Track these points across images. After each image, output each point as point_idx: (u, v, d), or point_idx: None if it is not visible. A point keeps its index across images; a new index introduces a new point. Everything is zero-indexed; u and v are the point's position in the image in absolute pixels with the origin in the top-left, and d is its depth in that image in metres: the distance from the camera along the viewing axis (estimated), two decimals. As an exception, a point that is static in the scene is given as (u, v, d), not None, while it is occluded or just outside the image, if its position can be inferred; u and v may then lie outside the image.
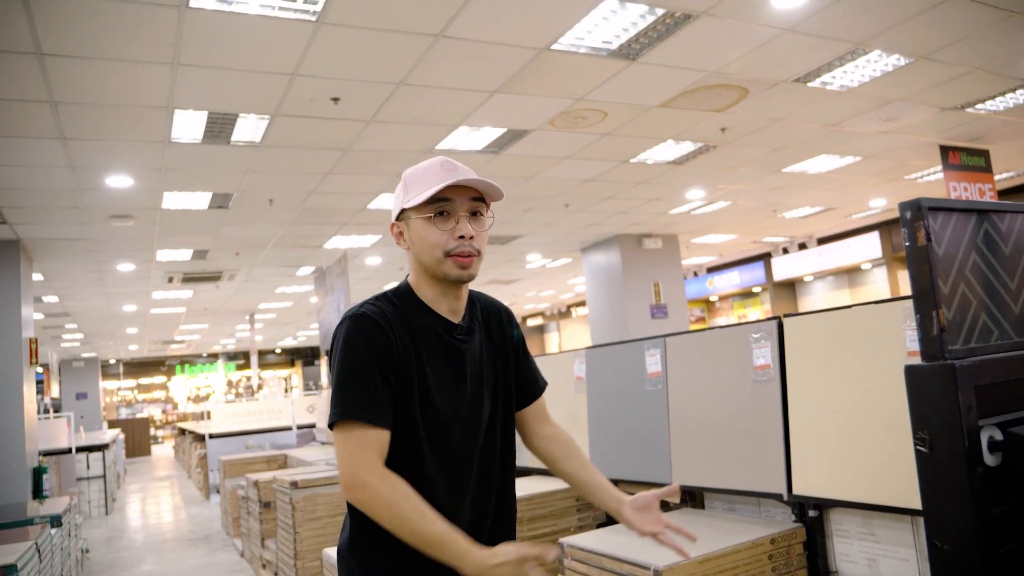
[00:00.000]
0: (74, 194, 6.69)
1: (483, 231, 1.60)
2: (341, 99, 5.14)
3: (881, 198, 10.67)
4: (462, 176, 1.55)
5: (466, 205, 1.58)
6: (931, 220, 0.95)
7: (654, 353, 2.96)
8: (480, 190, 1.60)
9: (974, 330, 0.96)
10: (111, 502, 10.97)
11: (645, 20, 4.42)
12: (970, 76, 5.87)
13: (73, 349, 21.17)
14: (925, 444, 0.90)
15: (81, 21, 3.80)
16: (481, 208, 1.61)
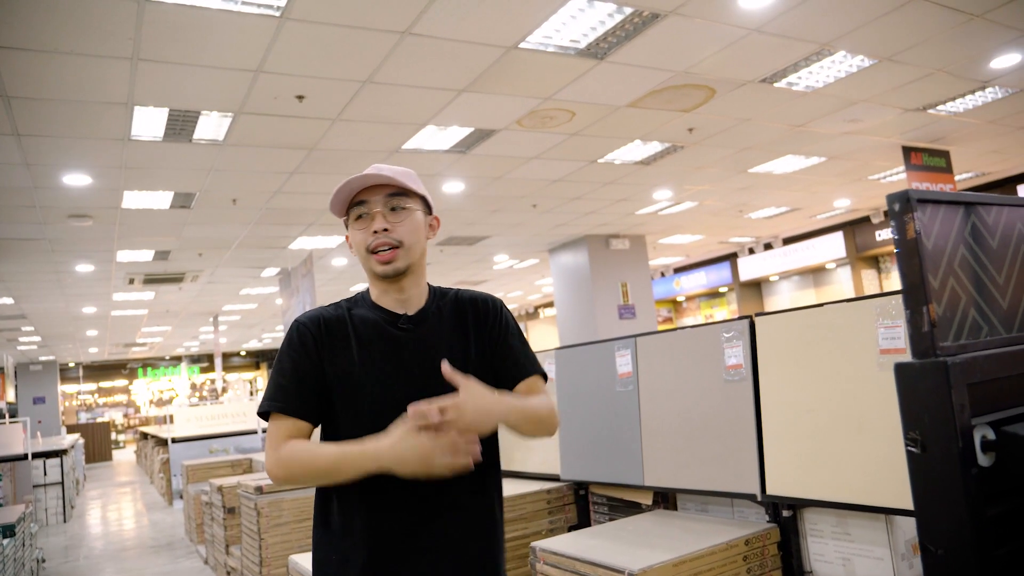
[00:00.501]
0: (30, 193, 6.50)
1: (401, 222, 1.63)
2: (306, 97, 5.05)
3: (845, 198, 10.82)
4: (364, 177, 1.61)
5: (383, 202, 1.63)
6: (920, 212, 0.91)
7: (624, 353, 2.93)
8: (389, 183, 1.63)
9: (964, 326, 0.93)
10: (69, 509, 10.70)
11: (613, 19, 4.40)
12: (932, 78, 5.96)
13: (30, 352, 20.66)
14: (917, 445, 0.86)
15: (36, 13, 3.68)
16: (401, 202, 1.64)
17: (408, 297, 1.68)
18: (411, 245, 1.63)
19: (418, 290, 1.70)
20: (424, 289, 1.73)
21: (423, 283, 1.73)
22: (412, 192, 1.65)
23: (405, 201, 1.64)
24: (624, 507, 2.96)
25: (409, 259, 1.64)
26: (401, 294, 1.67)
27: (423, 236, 1.68)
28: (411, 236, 1.63)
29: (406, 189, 1.64)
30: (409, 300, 1.68)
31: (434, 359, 1.60)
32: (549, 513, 3.18)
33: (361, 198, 1.63)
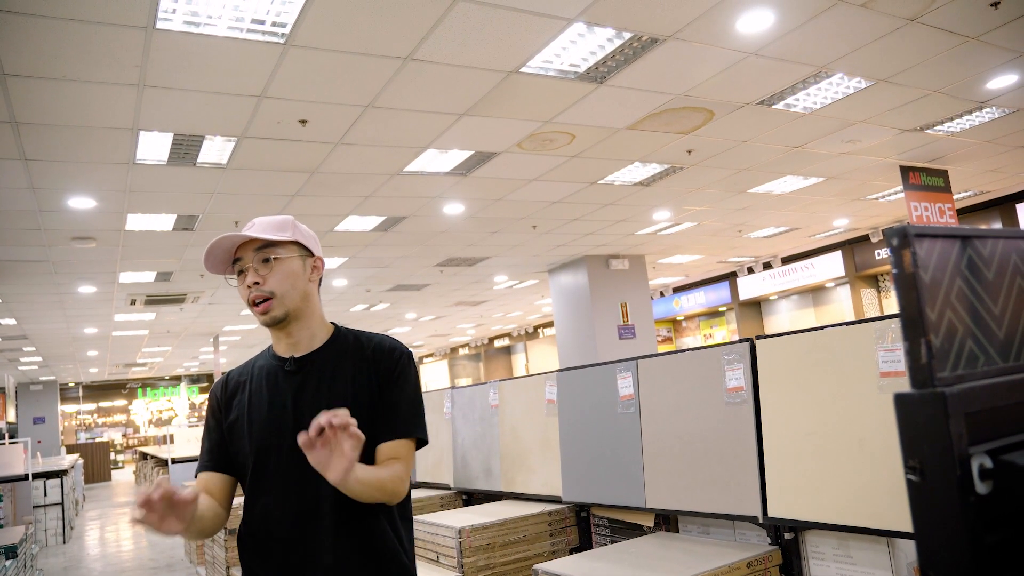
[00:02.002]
0: (35, 216, 6.54)
1: (271, 272, 1.68)
2: (309, 121, 5.10)
3: (844, 218, 10.87)
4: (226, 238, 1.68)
5: (253, 256, 1.69)
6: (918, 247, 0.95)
7: (626, 376, 2.95)
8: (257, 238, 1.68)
9: (961, 356, 0.96)
10: (69, 530, 10.66)
11: (612, 44, 4.46)
12: (928, 99, 6.02)
13: (31, 372, 20.62)
14: (916, 473, 0.89)
15: (46, 42, 3.74)
16: (270, 253, 1.69)
17: (297, 341, 1.73)
18: (284, 293, 1.68)
19: (308, 332, 1.74)
20: (318, 332, 1.76)
21: (314, 325, 1.75)
22: (280, 242, 1.70)
23: (275, 252, 1.69)
24: (626, 529, 2.96)
25: (285, 307, 1.69)
26: (290, 338, 1.74)
27: (301, 281, 1.72)
28: (282, 284, 1.68)
29: (271, 241, 1.69)
30: (299, 343, 1.73)
31: (313, 400, 1.67)
32: (551, 535, 3.19)
33: (238, 255, 1.72)
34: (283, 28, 3.88)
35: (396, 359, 1.75)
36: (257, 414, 1.69)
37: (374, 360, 1.73)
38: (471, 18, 3.96)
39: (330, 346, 1.75)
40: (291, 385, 1.70)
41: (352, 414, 1.54)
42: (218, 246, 1.69)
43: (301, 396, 1.68)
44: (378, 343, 1.77)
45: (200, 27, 3.77)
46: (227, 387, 1.78)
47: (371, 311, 15.09)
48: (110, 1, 3.46)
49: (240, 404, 1.73)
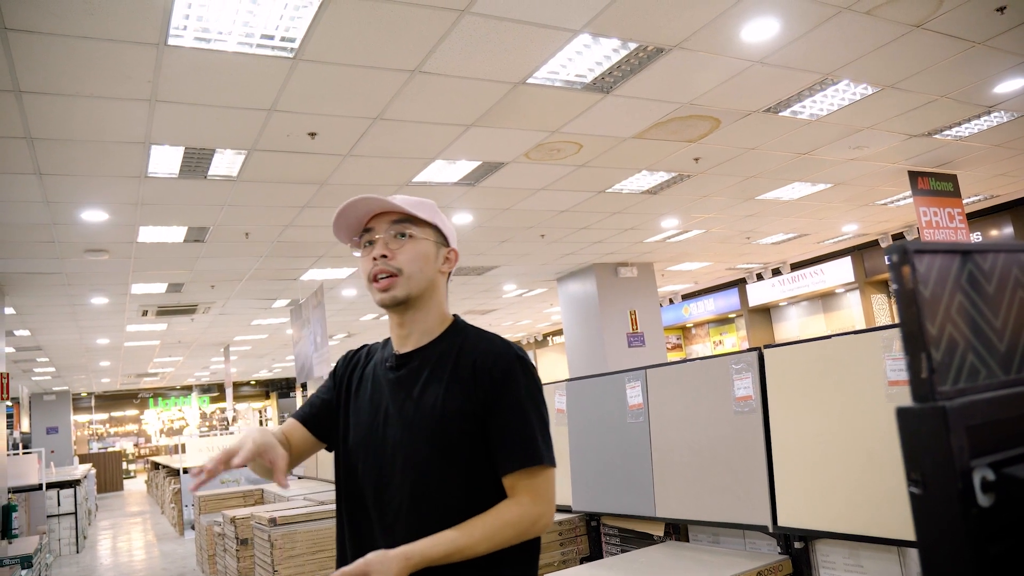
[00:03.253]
0: (49, 229, 6.61)
1: (402, 248, 1.54)
2: (318, 134, 5.15)
3: (853, 223, 10.85)
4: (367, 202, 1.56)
5: (387, 229, 1.56)
6: (918, 262, 0.96)
7: (635, 385, 2.96)
8: (394, 210, 1.56)
9: (962, 370, 0.97)
10: (82, 540, 10.71)
11: (618, 54, 4.49)
12: (936, 104, 6.02)
13: (44, 383, 20.76)
14: (918, 485, 0.91)
15: (59, 59, 3.79)
16: (406, 228, 1.55)
17: (409, 333, 1.57)
18: (411, 274, 1.52)
19: (423, 326, 1.57)
20: (433, 326, 1.58)
21: (431, 320, 1.58)
22: (420, 220, 1.57)
23: (410, 228, 1.55)
24: (636, 538, 2.97)
25: (408, 289, 1.52)
26: (401, 329, 1.58)
27: (431, 267, 1.56)
28: (412, 264, 1.53)
29: (411, 216, 1.56)
30: (410, 336, 1.57)
31: (404, 404, 1.52)
32: (561, 545, 3.20)
33: (369, 225, 1.58)
34: (292, 43, 3.92)
35: (506, 369, 1.51)
36: (357, 411, 1.60)
37: (475, 367, 1.51)
38: (477, 31, 3.99)
39: (438, 344, 1.57)
40: (388, 385, 1.56)
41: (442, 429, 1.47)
42: (352, 208, 1.56)
43: (393, 399, 1.54)
44: (485, 348, 1.54)
45: (210, 43, 3.82)
46: (350, 363, 1.68)
47: (381, 320, 15.13)
48: (123, 19, 3.51)
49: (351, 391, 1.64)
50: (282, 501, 5.75)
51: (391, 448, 1.50)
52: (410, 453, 1.48)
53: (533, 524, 1.46)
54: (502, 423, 1.49)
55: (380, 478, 1.50)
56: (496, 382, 1.49)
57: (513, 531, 1.45)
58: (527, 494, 1.47)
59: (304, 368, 9.58)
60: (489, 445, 1.49)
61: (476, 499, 1.47)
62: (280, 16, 3.67)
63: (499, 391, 1.49)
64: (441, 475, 1.47)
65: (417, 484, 1.47)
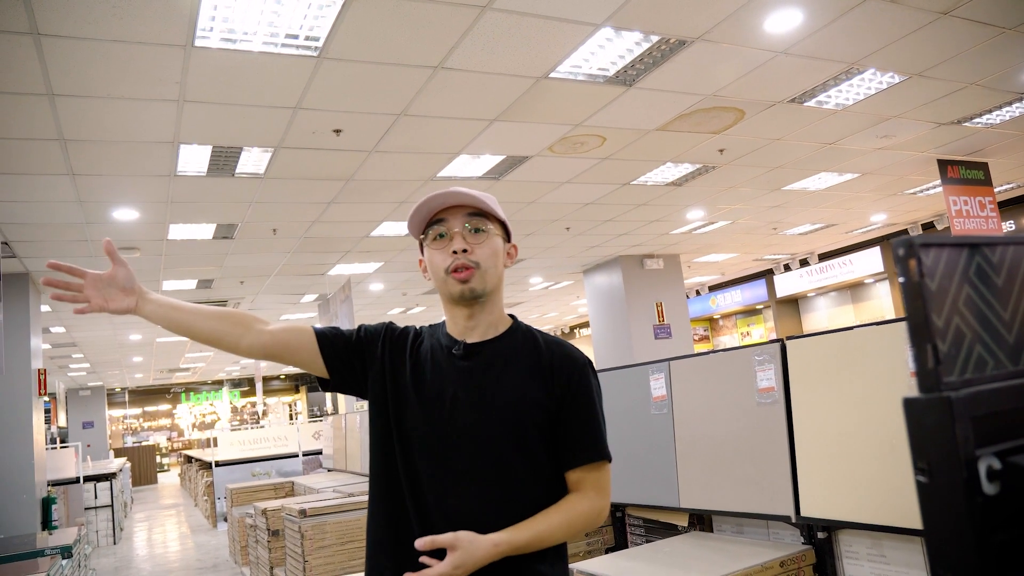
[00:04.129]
0: (82, 228, 6.76)
1: (481, 244, 1.56)
2: (343, 131, 5.21)
3: (881, 213, 10.72)
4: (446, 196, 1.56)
5: (463, 222, 1.56)
6: (924, 256, 0.98)
7: (659, 377, 2.98)
8: (470, 204, 1.57)
9: (969, 361, 0.99)
10: (119, 531, 10.95)
11: (641, 47, 4.49)
12: (965, 91, 5.93)
13: (79, 378, 21.19)
14: (925, 474, 0.93)
15: (90, 62, 3.88)
16: (481, 224, 1.58)
17: (476, 325, 1.59)
18: (488, 268, 1.56)
19: (489, 319, 1.60)
20: (498, 320, 1.62)
21: (496, 314, 1.62)
22: (492, 215, 1.60)
23: (485, 223, 1.58)
24: (660, 529, 3.00)
25: (486, 283, 1.56)
26: (469, 321, 1.59)
27: (501, 262, 1.61)
28: (489, 260, 1.57)
29: (486, 211, 1.59)
30: (476, 328, 1.59)
31: (477, 392, 1.54)
32: (586, 535, 3.23)
33: (440, 216, 1.57)
34: (316, 42, 3.97)
35: (581, 367, 1.60)
36: (413, 392, 1.56)
37: (552, 366, 1.57)
38: (499, 26, 4.02)
39: (507, 338, 1.61)
40: (455, 372, 1.56)
41: (516, 416, 1.53)
42: (436, 202, 1.56)
43: (463, 386, 1.55)
44: (559, 347, 1.62)
45: (236, 44, 3.89)
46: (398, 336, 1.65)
47: (408, 314, 15.23)
48: (151, 22, 3.58)
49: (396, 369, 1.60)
50: (312, 493, 5.85)
51: (459, 432, 1.52)
52: (481, 438, 1.52)
53: (599, 516, 1.56)
54: (575, 419, 1.56)
55: (443, 458, 1.52)
56: (573, 381, 1.57)
57: (583, 523, 1.53)
58: (593, 488, 1.56)
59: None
60: (557, 439, 1.55)
61: (536, 488, 1.53)
62: (304, 16, 3.72)
63: (575, 390, 1.57)
64: (509, 461, 1.52)
65: (485, 468, 1.51)
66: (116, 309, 1.62)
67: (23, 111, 4.36)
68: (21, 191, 5.66)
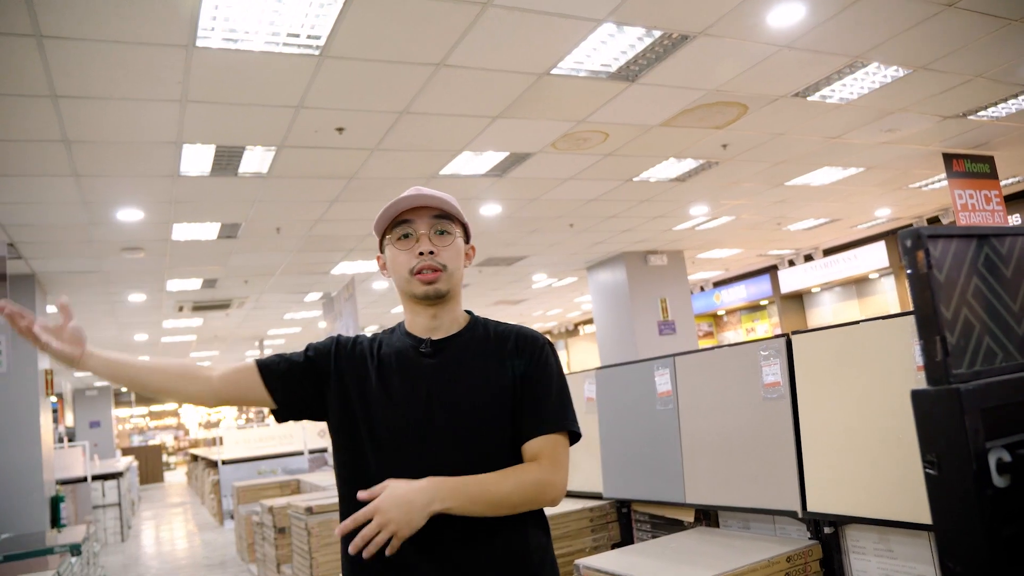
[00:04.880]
0: (86, 228, 6.77)
1: (447, 246, 1.63)
2: (346, 129, 5.20)
3: (886, 207, 10.68)
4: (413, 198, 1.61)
5: (428, 223, 1.62)
6: (931, 247, 0.97)
7: (663, 372, 2.97)
8: (437, 207, 1.63)
9: (978, 353, 0.98)
10: (126, 529, 10.99)
11: (643, 42, 4.47)
12: (970, 84, 5.90)
13: (86, 378, 21.21)
14: (934, 467, 0.92)
15: (93, 63, 3.89)
16: (446, 226, 1.64)
17: (439, 324, 1.65)
18: (453, 270, 1.63)
19: (451, 316, 1.67)
20: (458, 317, 1.70)
21: (458, 311, 1.70)
22: (455, 218, 1.66)
23: (450, 225, 1.64)
24: (666, 524, 2.99)
25: (450, 283, 1.63)
26: (433, 320, 1.65)
27: (462, 263, 1.68)
28: (453, 261, 1.63)
29: (451, 213, 1.65)
30: (439, 327, 1.66)
31: (450, 387, 1.59)
32: (592, 531, 3.22)
33: (406, 217, 1.62)
34: (317, 40, 3.97)
35: (541, 347, 1.67)
36: (389, 397, 1.59)
37: (517, 349, 1.65)
38: (500, 23, 4.01)
39: (468, 332, 1.68)
40: (426, 369, 1.61)
41: (489, 406, 1.59)
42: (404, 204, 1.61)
43: (436, 382, 1.59)
44: (519, 331, 1.70)
45: (238, 43, 3.88)
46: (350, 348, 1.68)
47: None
48: (153, 22, 3.58)
49: (368, 381, 1.62)
50: (318, 491, 5.86)
51: (437, 428, 1.56)
52: (459, 431, 1.57)
53: (552, 488, 1.58)
54: (534, 394, 1.62)
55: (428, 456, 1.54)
56: (534, 357, 1.65)
57: (534, 490, 1.55)
58: (548, 460, 1.59)
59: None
60: (521, 413, 1.61)
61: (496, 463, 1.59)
62: (305, 14, 3.72)
63: (536, 365, 1.64)
64: (487, 450, 1.57)
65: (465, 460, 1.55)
66: (57, 351, 1.64)
67: (27, 113, 4.36)
68: (26, 193, 5.67)
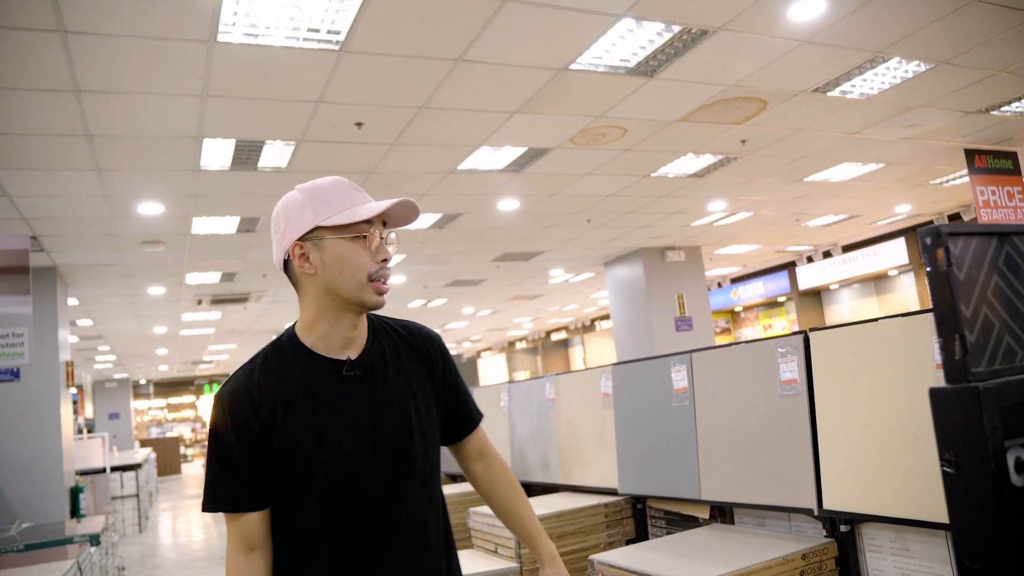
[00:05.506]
0: (107, 222, 6.84)
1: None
2: (364, 124, 5.22)
3: (906, 204, 10.59)
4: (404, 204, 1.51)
5: (380, 230, 1.51)
6: (951, 244, 0.97)
7: (680, 369, 2.97)
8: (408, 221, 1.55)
9: (998, 352, 0.98)
10: (144, 520, 11.12)
11: (662, 37, 4.46)
12: (993, 79, 5.84)
13: (105, 370, 21.49)
14: (951, 465, 0.93)
15: (116, 58, 3.93)
16: (389, 234, 1.54)
17: (357, 335, 1.53)
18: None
19: (363, 327, 1.56)
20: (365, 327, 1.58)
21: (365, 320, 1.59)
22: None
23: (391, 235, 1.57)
24: (681, 521, 2.99)
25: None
26: (354, 331, 1.51)
27: None
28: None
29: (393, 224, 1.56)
30: (355, 340, 1.53)
31: (387, 405, 1.50)
32: (607, 527, 3.23)
33: (368, 218, 1.47)
34: (337, 35, 3.99)
35: (439, 344, 1.65)
36: (325, 430, 1.44)
37: (425, 349, 1.61)
38: (519, 18, 4.01)
39: (374, 339, 1.56)
40: (357, 396, 1.48)
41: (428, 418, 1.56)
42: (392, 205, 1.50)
43: (374, 402, 1.49)
44: (417, 329, 1.65)
45: (258, 38, 3.91)
46: (258, 405, 1.43)
47: (428, 307, 15.28)
48: (174, 18, 3.61)
49: (289, 423, 1.43)
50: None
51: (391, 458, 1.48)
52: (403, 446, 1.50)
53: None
54: (457, 389, 1.68)
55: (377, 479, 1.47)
56: (442, 357, 1.65)
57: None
58: (492, 449, 1.76)
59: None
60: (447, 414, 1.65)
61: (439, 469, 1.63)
62: (325, 9, 3.74)
63: (445, 364, 1.66)
64: (436, 457, 1.60)
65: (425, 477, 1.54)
66: None
67: (50, 107, 4.42)
68: (48, 186, 5.74)
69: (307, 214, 1.48)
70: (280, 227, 1.52)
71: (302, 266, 1.48)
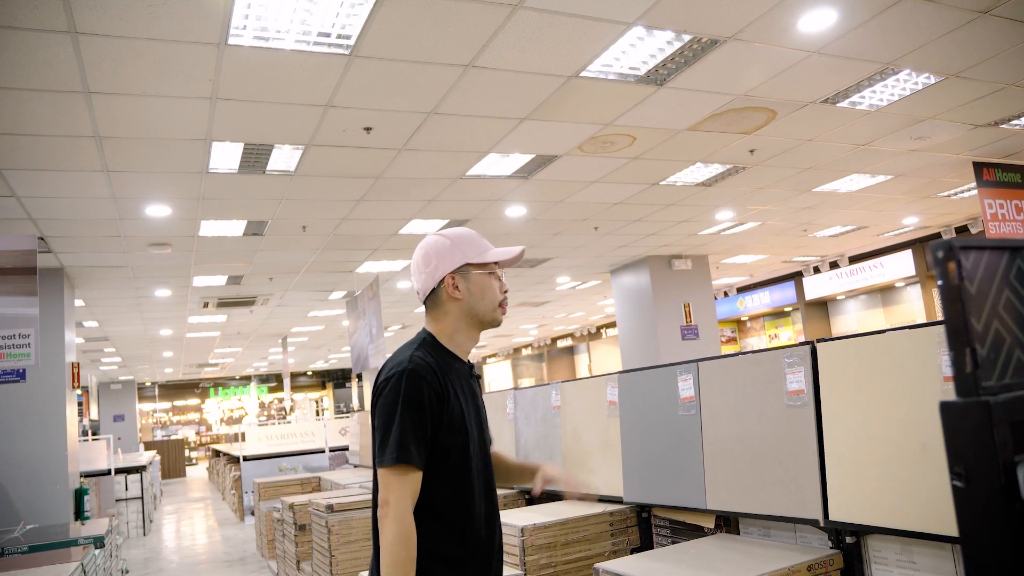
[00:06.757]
0: (115, 224, 6.87)
1: None
2: (373, 129, 5.24)
3: (914, 216, 10.56)
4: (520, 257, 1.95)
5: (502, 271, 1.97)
6: (963, 258, 0.97)
7: (687, 378, 2.97)
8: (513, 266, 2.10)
9: (1008, 366, 0.98)
10: (148, 523, 11.12)
11: (672, 46, 4.46)
12: (1003, 93, 5.83)
13: (111, 372, 21.53)
14: (961, 479, 0.92)
15: (126, 60, 3.94)
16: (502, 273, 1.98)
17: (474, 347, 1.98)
18: None
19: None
20: None
21: None
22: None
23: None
24: (686, 530, 2.98)
25: None
26: (476, 344, 1.97)
27: None
28: None
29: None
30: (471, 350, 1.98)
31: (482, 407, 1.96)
32: (612, 535, 3.22)
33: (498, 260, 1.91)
34: (348, 40, 4.00)
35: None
36: (469, 420, 1.83)
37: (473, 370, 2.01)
38: (530, 25, 4.02)
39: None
40: (476, 389, 1.94)
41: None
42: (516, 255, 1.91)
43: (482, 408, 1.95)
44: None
45: (269, 42, 3.93)
46: (439, 381, 1.77)
47: (434, 312, 15.27)
48: (185, 20, 3.63)
49: (453, 400, 1.79)
50: (339, 489, 5.89)
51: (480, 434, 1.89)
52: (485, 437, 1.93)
53: None
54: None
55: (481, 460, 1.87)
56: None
57: None
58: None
59: (360, 359, 9.76)
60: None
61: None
62: (336, 14, 3.75)
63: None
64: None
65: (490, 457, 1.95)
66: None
67: (60, 108, 4.44)
68: (57, 187, 5.77)
69: (457, 254, 1.86)
70: (432, 262, 1.86)
71: (452, 293, 1.86)
